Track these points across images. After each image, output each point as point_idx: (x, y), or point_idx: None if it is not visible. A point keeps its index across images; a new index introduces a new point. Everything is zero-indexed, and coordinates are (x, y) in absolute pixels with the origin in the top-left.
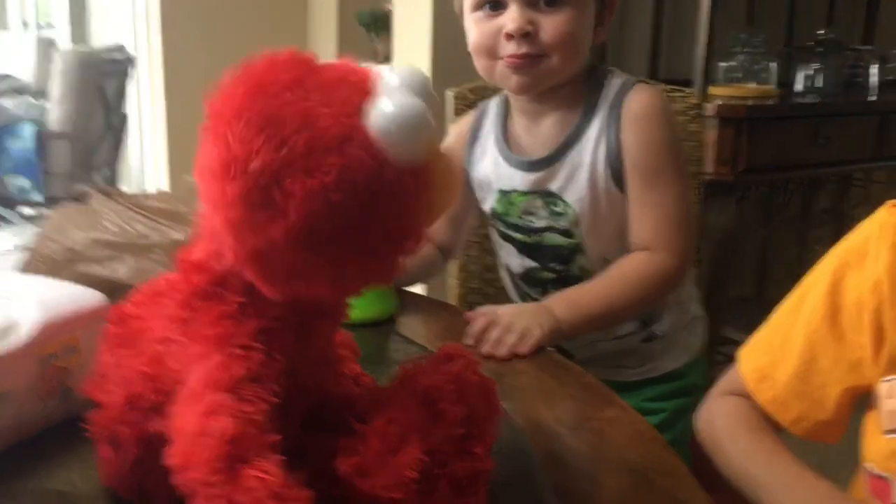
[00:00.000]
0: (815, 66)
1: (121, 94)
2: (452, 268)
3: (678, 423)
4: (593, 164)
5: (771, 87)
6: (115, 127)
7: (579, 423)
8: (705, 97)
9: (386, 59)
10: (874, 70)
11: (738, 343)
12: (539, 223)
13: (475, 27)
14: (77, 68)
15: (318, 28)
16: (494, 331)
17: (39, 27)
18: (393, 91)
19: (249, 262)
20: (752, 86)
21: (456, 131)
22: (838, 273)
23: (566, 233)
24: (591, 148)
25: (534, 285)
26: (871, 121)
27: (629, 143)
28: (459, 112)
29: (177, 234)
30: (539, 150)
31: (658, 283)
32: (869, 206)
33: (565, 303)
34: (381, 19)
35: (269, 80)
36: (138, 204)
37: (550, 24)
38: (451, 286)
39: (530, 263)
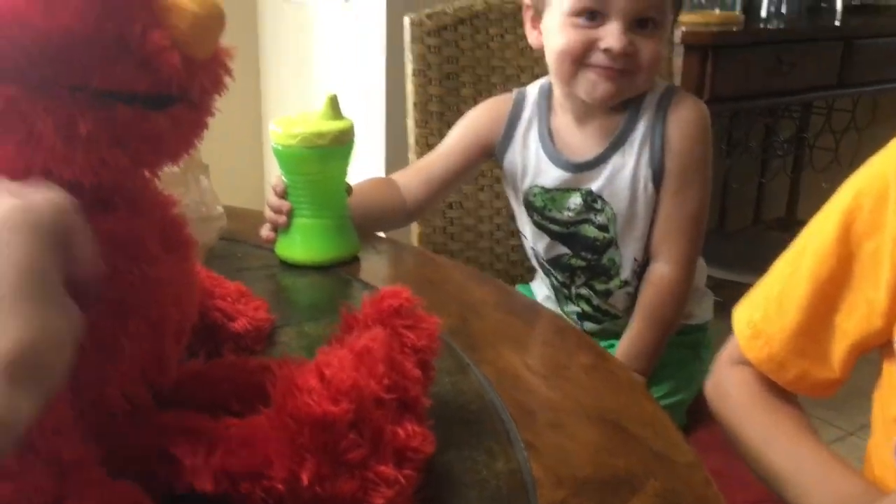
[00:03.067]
0: None
1: None
2: None
3: (674, 376)
4: (636, 167)
5: (735, 13)
6: None
7: (553, 371)
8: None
9: None
10: None
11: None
12: (576, 216)
13: (566, 32)
14: None
15: None
16: None
17: None
18: None
19: None
20: (717, 12)
21: (495, 108)
22: (849, 217)
23: (602, 227)
24: (635, 151)
25: (562, 270)
26: (835, 47)
27: (674, 150)
28: (416, 40)
29: None
30: (584, 152)
31: (677, 301)
32: (829, 134)
33: (637, 361)
34: None
35: None
36: None
37: (648, 48)
38: (412, 226)
39: (562, 250)
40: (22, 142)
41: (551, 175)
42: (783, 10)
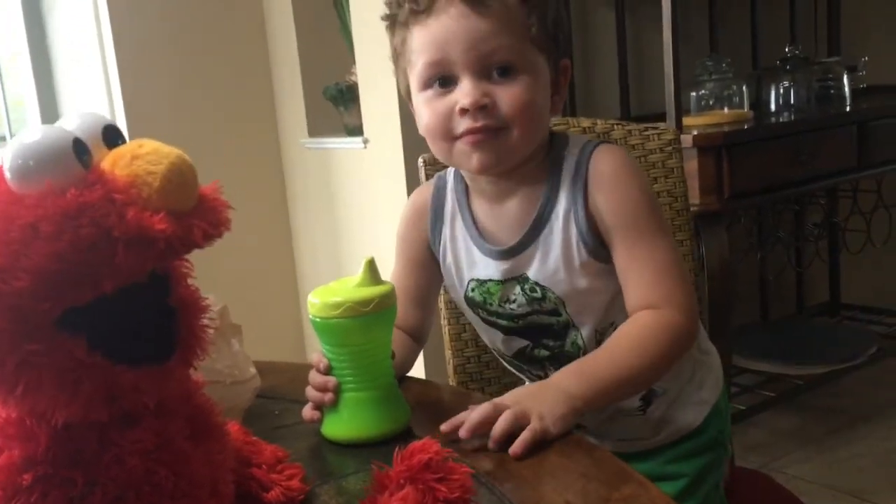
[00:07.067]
0: (786, 83)
1: None
2: (446, 338)
3: (703, 488)
4: (566, 242)
5: (744, 110)
6: None
7: None
8: (680, 129)
9: (356, 130)
10: (845, 80)
11: (751, 372)
12: (520, 310)
13: (426, 107)
14: None
15: (286, 106)
16: (502, 421)
17: None
18: (35, 128)
19: None
20: (726, 111)
21: (414, 205)
22: None
23: (553, 312)
24: (560, 226)
25: (530, 363)
26: (849, 131)
27: (602, 207)
28: (430, 177)
29: None
30: (507, 236)
31: (669, 339)
32: (859, 215)
33: (576, 377)
34: (347, 92)
35: None
36: None
37: (508, 94)
38: (447, 357)
39: (521, 343)
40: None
41: (482, 266)
42: (792, 101)
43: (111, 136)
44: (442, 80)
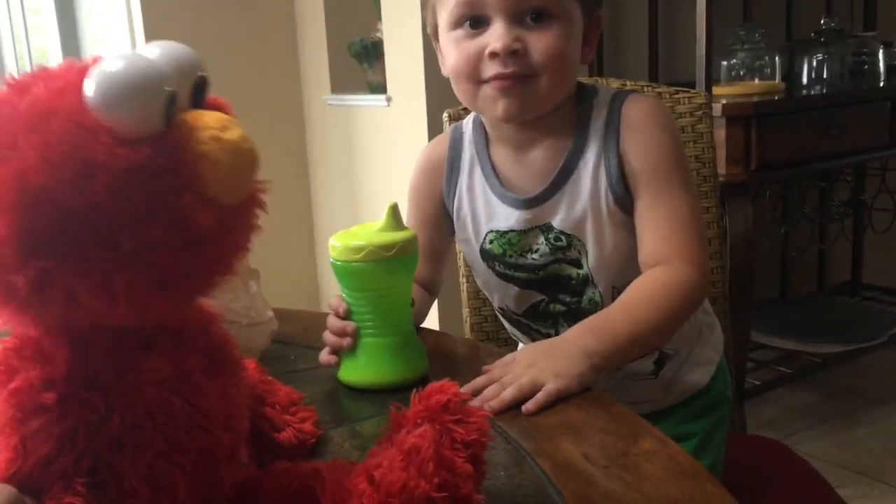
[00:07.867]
0: (819, 56)
1: None
2: (464, 296)
3: (713, 443)
4: (594, 190)
5: (776, 81)
6: None
7: (612, 459)
8: (710, 97)
9: (379, 88)
10: (880, 55)
11: (768, 347)
12: (542, 259)
13: (454, 47)
14: None
15: (310, 61)
16: (508, 394)
17: None
18: (120, 55)
19: None
20: (756, 82)
21: (429, 157)
22: None
23: (575, 262)
24: (589, 174)
25: (542, 319)
26: (882, 107)
27: (631, 151)
28: None
29: None
30: (530, 185)
31: (682, 295)
32: (887, 194)
33: (592, 332)
34: (371, 49)
35: None
36: None
37: (540, 41)
38: (464, 315)
39: (536, 298)
40: (62, 307)
41: (503, 216)
42: (825, 74)
43: (199, 90)
44: (473, 20)
